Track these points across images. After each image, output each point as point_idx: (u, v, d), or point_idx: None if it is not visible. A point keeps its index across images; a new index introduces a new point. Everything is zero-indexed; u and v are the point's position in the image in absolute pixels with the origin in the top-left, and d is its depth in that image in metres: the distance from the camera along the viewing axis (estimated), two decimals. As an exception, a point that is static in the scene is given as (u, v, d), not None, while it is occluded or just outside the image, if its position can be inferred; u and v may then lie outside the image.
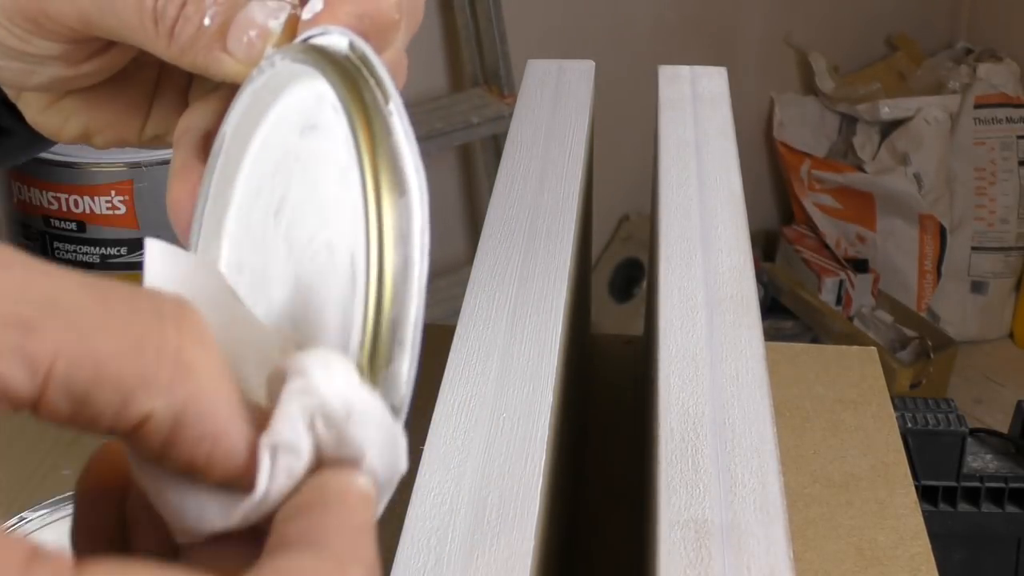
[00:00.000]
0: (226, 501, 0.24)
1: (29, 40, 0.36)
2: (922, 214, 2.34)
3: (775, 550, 0.38)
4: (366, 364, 0.26)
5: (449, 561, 0.38)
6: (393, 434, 0.25)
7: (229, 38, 0.34)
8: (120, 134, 0.41)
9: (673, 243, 0.55)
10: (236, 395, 0.23)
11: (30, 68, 0.37)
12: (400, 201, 0.27)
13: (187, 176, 0.35)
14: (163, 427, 0.22)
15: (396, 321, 0.26)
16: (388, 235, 0.26)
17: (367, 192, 0.26)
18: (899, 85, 2.46)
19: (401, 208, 0.26)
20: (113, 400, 0.21)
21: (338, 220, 0.28)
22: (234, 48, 0.34)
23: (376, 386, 0.26)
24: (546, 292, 0.51)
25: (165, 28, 0.34)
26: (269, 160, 0.33)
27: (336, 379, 0.24)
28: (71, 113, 0.40)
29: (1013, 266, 2.43)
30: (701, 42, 2.29)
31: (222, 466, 0.23)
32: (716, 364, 0.47)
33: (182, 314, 0.22)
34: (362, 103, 0.28)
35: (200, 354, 0.22)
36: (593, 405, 0.81)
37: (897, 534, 0.68)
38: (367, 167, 0.27)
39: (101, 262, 0.81)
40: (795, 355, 0.84)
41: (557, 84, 0.70)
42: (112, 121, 0.41)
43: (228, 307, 0.27)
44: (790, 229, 2.48)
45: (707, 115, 0.67)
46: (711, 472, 0.41)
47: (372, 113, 0.28)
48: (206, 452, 0.23)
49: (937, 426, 0.82)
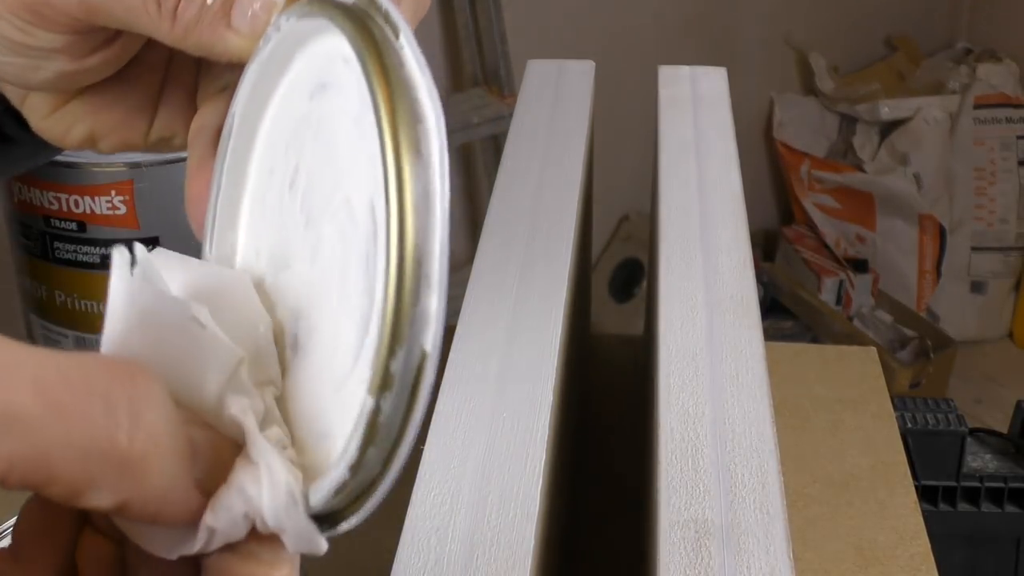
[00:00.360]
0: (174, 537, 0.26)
1: (32, 32, 0.35)
2: (922, 214, 2.34)
3: (775, 550, 0.38)
4: (391, 310, 0.25)
5: (449, 561, 0.38)
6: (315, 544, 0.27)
7: (233, 14, 0.33)
8: (125, 138, 0.41)
9: (673, 243, 0.55)
10: (182, 464, 0.25)
11: (34, 63, 0.36)
12: (418, 127, 0.25)
13: (203, 173, 0.35)
14: (111, 508, 0.24)
15: (420, 256, 0.25)
16: (406, 164, 0.25)
17: (382, 124, 0.25)
18: (899, 85, 2.46)
19: (420, 133, 0.25)
20: (64, 494, 0.23)
21: (355, 173, 0.28)
22: (239, 24, 0.33)
23: (406, 327, 0.25)
24: (546, 292, 0.51)
25: (168, 9, 0.34)
26: (281, 135, 0.32)
27: (275, 495, 0.26)
28: (76, 118, 0.40)
29: (1013, 266, 2.43)
30: (701, 42, 2.29)
31: (166, 524, 0.26)
32: (716, 364, 0.47)
33: (133, 395, 0.24)
34: (372, 39, 0.27)
35: (149, 445, 0.24)
36: (593, 405, 0.81)
37: (897, 534, 0.68)
38: (381, 99, 0.26)
39: (101, 262, 0.81)
40: (795, 355, 0.84)
41: (557, 84, 0.70)
42: (117, 125, 0.40)
43: (186, 330, 0.27)
44: (790, 229, 2.48)
45: (707, 115, 0.67)
46: (711, 472, 0.41)
47: (383, 47, 0.27)
48: (151, 518, 0.25)
49: (937, 426, 0.82)
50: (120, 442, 0.23)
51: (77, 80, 0.38)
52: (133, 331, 0.26)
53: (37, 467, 0.22)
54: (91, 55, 0.37)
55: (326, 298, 0.29)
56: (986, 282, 2.42)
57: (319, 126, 0.30)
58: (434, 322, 0.25)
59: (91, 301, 0.83)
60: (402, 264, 0.25)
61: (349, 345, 0.27)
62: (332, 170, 0.29)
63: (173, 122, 0.40)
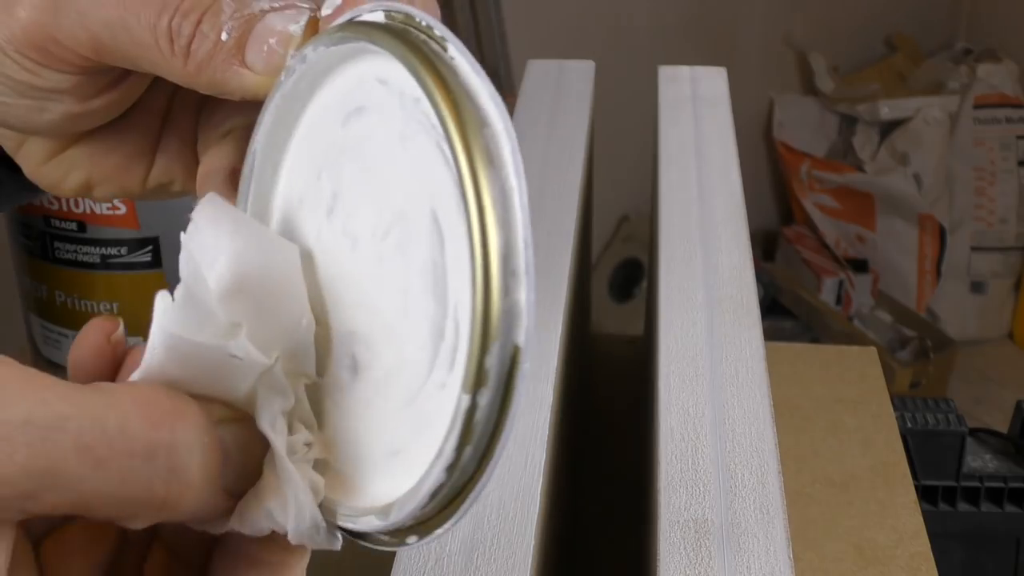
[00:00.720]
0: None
1: (39, 72, 0.35)
2: (922, 214, 2.34)
3: (775, 550, 0.38)
4: (480, 306, 0.25)
5: (449, 561, 0.38)
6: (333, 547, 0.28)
7: (248, 50, 0.33)
8: (123, 185, 0.40)
9: (673, 243, 0.55)
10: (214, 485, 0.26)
11: (39, 104, 0.36)
12: (485, 131, 0.26)
13: None
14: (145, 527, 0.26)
15: (506, 252, 0.25)
16: (480, 168, 0.25)
17: (450, 133, 0.25)
18: (898, 85, 2.46)
19: (487, 138, 0.26)
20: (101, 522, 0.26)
21: (406, 186, 0.28)
22: (253, 60, 0.33)
23: (498, 322, 0.25)
24: (546, 292, 0.51)
25: (181, 46, 0.33)
26: (310, 165, 0.32)
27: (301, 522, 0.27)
28: (73, 165, 0.39)
29: (1012, 266, 2.43)
30: (701, 42, 2.29)
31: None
32: (716, 364, 0.47)
33: (172, 444, 0.25)
34: (421, 53, 0.27)
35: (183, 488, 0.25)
36: (593, 405, 0.81)
37: (897, 534, 0.68)
38: (445, 109, 0.26)
39: (101, 262, 0.81)
40: (795, 355, 0.84)
41: (557, 84, 0.70)
42: (115, 172, 0.40)
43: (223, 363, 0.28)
44: (790, 229, 2.49)
45: (707, 115, 0.67)
46: (711, 472, 0.41)
47: (435, 60, 0.27)
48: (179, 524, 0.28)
49: (937, 426, 0.82)
50: (157, 491, 0.25)
51: (81, 123, 0.37)
52: (170, 365, 0.27)
53: (79, 509, 0.24)
54: (97, 96, 0.36)
55: (385, 315, 0.29)
56: (986, 282, 2.42)
57: (356, 148, 0.30)
58: (525, 316, 0.25)
59: (91, 301, 0.83)
60: (487, 260, 0.25)
61: (420, 357, 0.27)
62: (377, 189, 0.29)
63: (171, 169, 0.40)
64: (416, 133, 0.27)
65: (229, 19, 0.33)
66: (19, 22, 0.34)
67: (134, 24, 0.33)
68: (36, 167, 0.40)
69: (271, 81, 0.32)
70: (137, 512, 0.25)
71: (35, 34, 0.34)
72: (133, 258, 0.82)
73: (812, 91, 2.48)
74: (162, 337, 0.27)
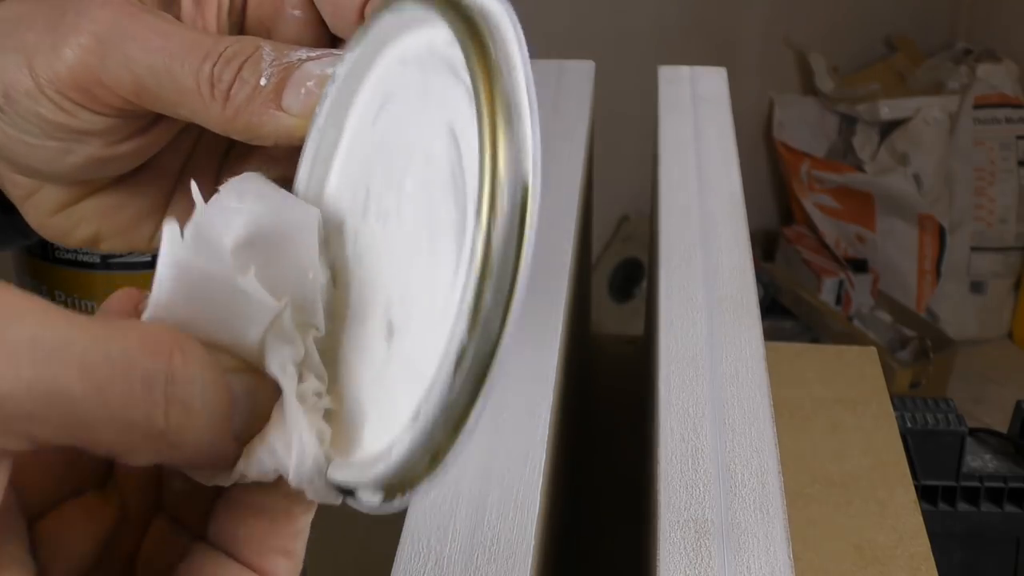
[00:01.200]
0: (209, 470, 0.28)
1: (77, 114, 0.35)
2: (921, 214, 2.34)
3: (775, 550, 0.38)
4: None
5: (449, 561, 0.38)
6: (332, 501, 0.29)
7: (285, 95, 0.33)
8: (130, 240, 0.40)
9: (673, 243, 0.55)
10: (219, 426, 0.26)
11: (66, 147, 0.36)
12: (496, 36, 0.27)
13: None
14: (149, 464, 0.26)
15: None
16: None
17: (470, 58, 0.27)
18: (898, 85, 2.46)
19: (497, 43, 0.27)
20: (103, 455, 0.25)
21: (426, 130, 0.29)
22: (290, 103, 0.33)
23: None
24: (546, 292, 0.51)
25: (221, 91, 0.34)
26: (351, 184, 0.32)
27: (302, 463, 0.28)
28: (83, 218, 0.39)
29: (1012, 266, 2.43)
30: (701, 42, 2.29)
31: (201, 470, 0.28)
32: (716, 364, 0.47)
33: (171, 373, 0.25)
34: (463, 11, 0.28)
35: (184, 419, 0.25)
36: (593, 404, 0.81)
37: (897, 534, 0.68)
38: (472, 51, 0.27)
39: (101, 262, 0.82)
40: (795, 355, 0.84)
41: (557, 84, 0.70)
42: (124, 228, 0.40)
43: (231, 296, 0.28)
44: (790, 229, 2.48)
45: (707, 115, 0.67)
46: (711, 472, 0.41)
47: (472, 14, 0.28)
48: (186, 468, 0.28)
49: (936, 426, 0.82)
50: (157, 419, 0.25)
51: (104, 168, 0.37)
52: (177, 299, 0.27)
53: (79, 436, 0.24)
54: (125, 141, 0.37)
55: (417, 266, 0.29)
56: (986, 282, 2.42)
57: (384, 143, 0.31)
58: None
59: (91, 301, 0.83)
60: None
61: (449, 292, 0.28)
62: (400, 167, 0.30)
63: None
64: (434, 78, 0.28)
65: (269, 66, 0.34)
66: (65, 62, 0.34)
67: (178, 69, 0.34)
68: (45, 218, 0.40)
69: (306, 124, 0.33)
70: (137, 444, 0.25)
71: (80, 75, 0.34)
72: (133, 258, 0.82)
73: (812, 91, 2.48)
74: (170, 266, 0.27)
